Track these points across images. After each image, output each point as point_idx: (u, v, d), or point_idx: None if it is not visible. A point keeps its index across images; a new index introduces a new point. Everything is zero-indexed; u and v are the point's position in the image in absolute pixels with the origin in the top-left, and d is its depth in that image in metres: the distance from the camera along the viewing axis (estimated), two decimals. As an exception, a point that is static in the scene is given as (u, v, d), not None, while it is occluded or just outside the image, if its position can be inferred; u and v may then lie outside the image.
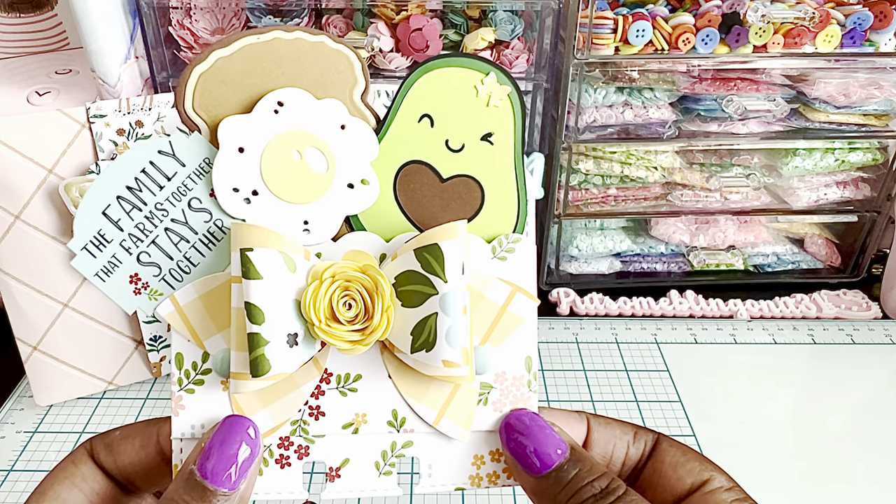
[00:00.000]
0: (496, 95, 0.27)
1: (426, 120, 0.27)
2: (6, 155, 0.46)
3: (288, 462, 0.26)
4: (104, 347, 0.54)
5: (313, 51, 0.26)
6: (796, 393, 0.57)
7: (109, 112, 0.48)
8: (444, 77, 0.26)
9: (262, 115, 0.26)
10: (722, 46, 0.58)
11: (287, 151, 0.26)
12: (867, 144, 0.65)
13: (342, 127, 0.26)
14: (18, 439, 0.52)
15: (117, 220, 0.27)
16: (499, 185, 0.28)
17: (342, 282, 0.26)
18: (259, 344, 0.24)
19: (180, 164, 0.26)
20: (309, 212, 0.26)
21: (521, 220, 0.28)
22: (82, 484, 0.26)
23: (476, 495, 0.47)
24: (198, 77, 0.25)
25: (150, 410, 0.54)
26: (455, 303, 0.25)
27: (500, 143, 0.27)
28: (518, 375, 0.28)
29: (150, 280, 0.27)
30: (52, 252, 0.49)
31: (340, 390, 0.27)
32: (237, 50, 0.25)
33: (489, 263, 0.28)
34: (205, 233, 0.27)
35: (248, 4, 0.57)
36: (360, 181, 0.27)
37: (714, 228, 0.70)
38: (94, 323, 0.52)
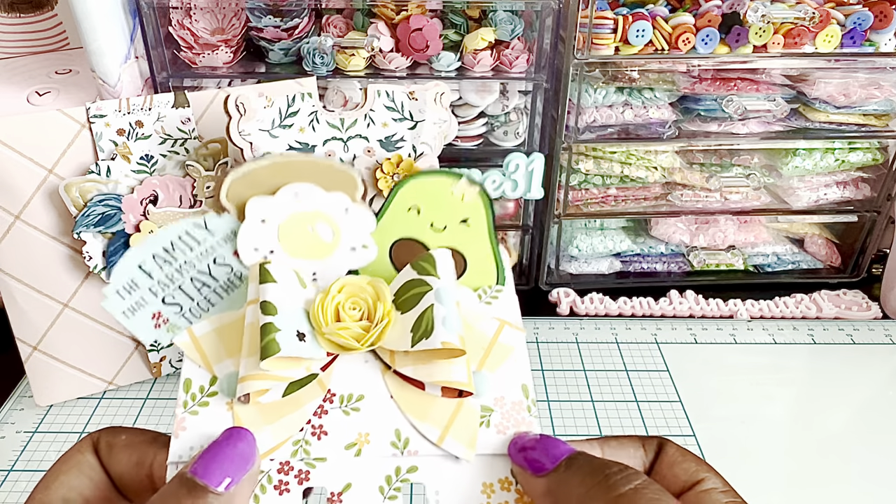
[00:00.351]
0: (468, 194, 0.33)
1: (414, 209, 0.33)
2: (6, 155, 0.46)
3: (287, 488, 0.26)
4: (104, 347, 0.54)
5: (325, 166, 0.32)
6: (796, 393, 0.57)
7: (109, 112, 0.48)
8: (426, 182, 0.33)
9: (282, 197, 0.31)
10: (722, 46, 0.58)
11: (301, 225, 0.31)
12: (867, 144, 0.65)
13: (346, 210, 0.32)
14: (18, 439, 0.52)
15: (149, 271, 0.31)
16: (478, 254, 0.33)
17: (349, 292, 0.29)
18: (270, 331, 0.26)
19: (210, 234, 0.32)
20: (317, 266, 0.31)
21: (500, 275, 0.33)
22: (89, 472, 0.26)
23: None
24: (232, 180, 0.31)
25: (150, 410, 0.54)
26: (448, 296, 0.28)
27: (475, 224, 0.33)
28: (517, 401, 0.28)
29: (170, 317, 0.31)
30: (52, 252, 0.49)
31: (343, 410, 0.28)
32: (265, 166, 0.31)
33: (477, 306, 0.32)
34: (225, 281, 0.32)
35: (248, 4, 0.57)
36: (361, 246, 0.32)
37: (714, 228, 0.70)
38: (94, 323, 0.52)
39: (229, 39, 0.58)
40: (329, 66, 0.58)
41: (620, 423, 0.53)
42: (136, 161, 0.49)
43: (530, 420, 0.28)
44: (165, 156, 0.50)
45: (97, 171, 0.48)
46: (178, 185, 0.50)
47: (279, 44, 0.58)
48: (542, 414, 0.54)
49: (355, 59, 0.58)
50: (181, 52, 0.58)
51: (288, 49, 0.59)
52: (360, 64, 0.58)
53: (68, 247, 0.50)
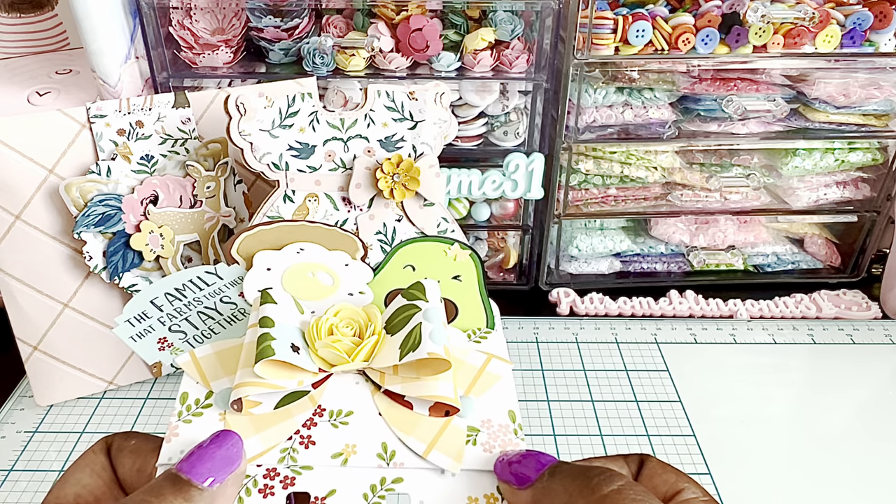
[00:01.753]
0: (460, 256, 0.36)
1: (409, 267, 0.36)
2: (6, 155, 0.46)
3: (272, 492, 0.26)
4: (104, 347, 0.54)
5: (328, 231, 0.35)
6: (796, 393, 0.57)
7: (110, 112, 0.48)
8: (421, 247, 0.36)
9: (288, 252, 0.34)
10: (722, 46, 0.58)
11: (303, 272, 0.34)
12: (867, 144, 0.65)
13: (346, 265, 0.35)
14: (19, 439, 0.52)
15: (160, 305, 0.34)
16: (468, 304, 0.36)
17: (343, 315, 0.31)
18: (267, 339, 0.28)
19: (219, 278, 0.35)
20: (316, 306, 0.33)
21: (490, 321, 0.36)
22: (103, 473, 0.27)
23: None
24: (243, 238, 0.34)
25: (150, 410, 0.54)
26: (436, 315, 0.30)
27: (466, 280, 0.36)
28: (503, 424, 0.29)
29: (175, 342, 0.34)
30: (52, 252, 0.49)
31: (332, 423, 0.28)
32: (274, 227, 0.35)
33: (466, 344, 0.33)
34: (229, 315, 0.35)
35: (249, 5, 0.57)
36: (358, 292, 0.34)
37: (714, 228, 0.70)
38: (94, 323, 0.52)
39: (229, 39, 0.58)
40: (329, 66, 0.58)
41: (620, 423, 0.53)
42: (136, 161, 0.49)
43: (517, 441, 0.28)
44: (166, 156, 0.50)
45: (97, 171, 0.48)
46: (178, 185, 0.50)
47: (279, 44, 0.58)
48: (542, 414, 0.54)
49: (355, 60, 0.58)
50: (181, 52, 0.58)
51: (288, 49, 0.59)
52: (360, 64, 0.58)
53: (68, 247, 0.50)
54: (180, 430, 0.27)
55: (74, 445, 0.51)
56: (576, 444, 0.51)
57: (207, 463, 0.25)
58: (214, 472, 0.25)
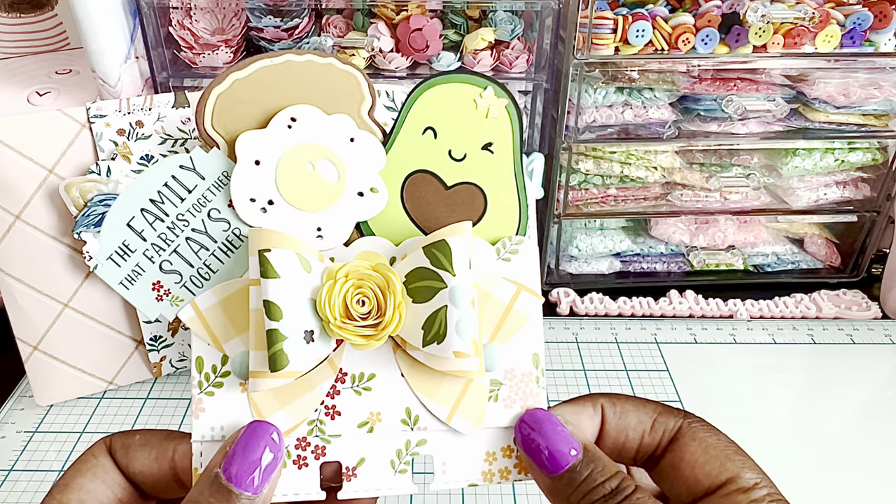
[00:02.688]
0: (494, 108, 0.28)
1: (430, 132, 0.28)
2: (6, 155, 0.46)
3: (305, 463, 0.27)
4: (104, 347, 0.54)
5: (323, 71, 0.28)
6: (796, 393, 0.57)
7: (110, 112, 0.48)
8: (445, 92, 0.28)
9: (277, 129, 0.27)
10: (722, 46, 0.58)
11: (300, 163, 0.28)
12: (867, 144, 0.65)
13: (351, 140, 0.28)
14: (19, 439, 0.52)
15: (141, 230, 0.29)
16: (500, 191, 0.29)
17: (355, 280, 0.27)
18: (277, 339, 0.25)
19: (200, 178, 0.28)
20: (322, 219, 0.28)
21: (522, 222, 0.30)
22: (104, 476, 0.26)
23: (476, 494, 0.47)
24: (216, 97, 0.27)
25: (150, 410, 0.54)
26: (463, 296, 0.26)
27: (499, 151, 0.29)
28: (526, 372, 0.29)
29: (171, 287, 0.29)
30: (52, 252, 0.49)
31: (355, 389, 0.28)
32: (252, 72, 0.28)
33: (494, 264, 0.29)
34: (223, 241, 0.29)
35: (248, 4, 0.57)
36: (369, 189, 0.28)
37: (714, 228, 0.70)
38: (94, 323, 0.52)
39: (229, 39, 0.58)
40: (329, 66, 0.58)
41: None
42: (136, 161, 0.49)
43: (537, 391, 0.28)
44: (165, 156, 0.50)
45: (97, 171, 0.48)
46: (178, 185, 0.50)
47: (279, 44, 0.58)
48: (542, 414, 0.54)
49: (355, 60, 0.58)
50: (181, 53, 0.58)
51: (288, 49, 0.59)
52: (360, 64, 0.58)
53: (68, 247, 0.50)
54: (205, 405, 0.27)
55: (74, 445, 0.51)
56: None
57: (253, 469, 0.24)
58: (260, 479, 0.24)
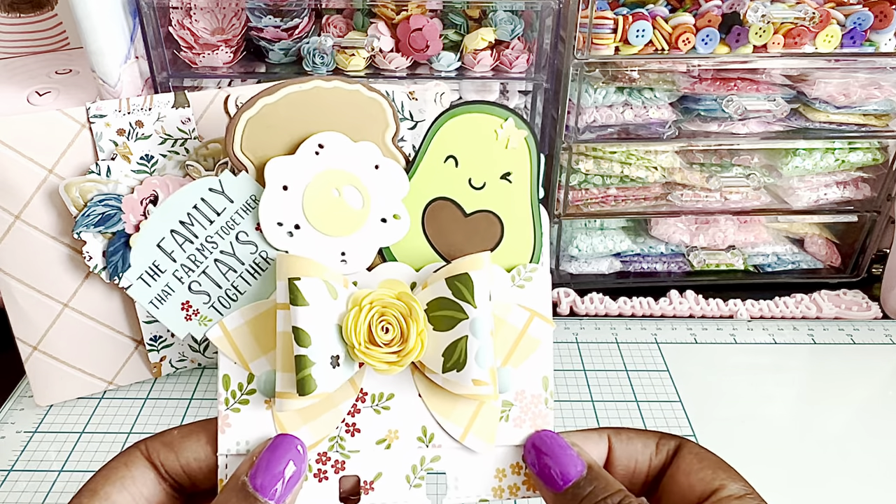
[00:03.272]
0: (514, 139, 0.29)
1: (451, 160, 0.30)
2: (6, 155, 0.46)
3: (325, 476, 0.28)
4: (104, 347, 0.54)
5: (350, 98, 0.29)
6: (796, 393, 0.57)
7: (109, 112, 0.48)
8: (467, 122, 0.30)
9: (305, 156, 0.28)
10: (722, 46, 0.58)
11: (327, 189, 0.29)
12: (867, 144, 0.65)
13: (376, 167, 0.29)
14: (18, 439, 0.52)
15: (171, 251, 0.30)
16: (517, 220, 0.30)
17: (379, 307, 0.28)
18: (306, 365, 0.26)
19: (229, 201, 0.29)
20: (346, 244, 0.29)
21: (536, 250, 0.31)
22: (132, 487, 0.26)
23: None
24: (246, 122, 0.28)
25: (150, 410, 0.54)
26: (483, 327, 0.28)
27: (517, 181, 0.30)
28: (536, 394, 0.30)
29: (200, 307, 0.30)
30: (52, 252, 0.49)
31: (375, 408, 0.29)
32: (281, 97, 0.28)
33: (509, 291, 0.30)
34: (251, 263, 0.30)
35: (249, 4, 0.57)
36: (392, 216, 0.29)
37: (714, 228, 0.70)
38: (94, 323, 0.52)
39: (229, 39, 0.58)
40: (329, 66, 0.58)
41: (620, 423, 0.53)
42: (136, 161, 0.49)
43: (546, 412, 0.30)
44: (165, 156, 0.50)
45: (97, 171, 0.48)
46: (178, 185, 0.50)
47: (279, 44, 0.58)
48: (542, 414, 0.54)
49: (355, 59, 0.58)
50: (181, 52, 0.58)
51: (288, 49, 0.59)
52: (360, 64, 0.58)
53: (68, 247, 0.50)
54: (231, 421, 0.28)
55: (74, 445, 0.51)
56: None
57: (277, 480, 0.26)
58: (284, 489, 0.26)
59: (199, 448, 0.28)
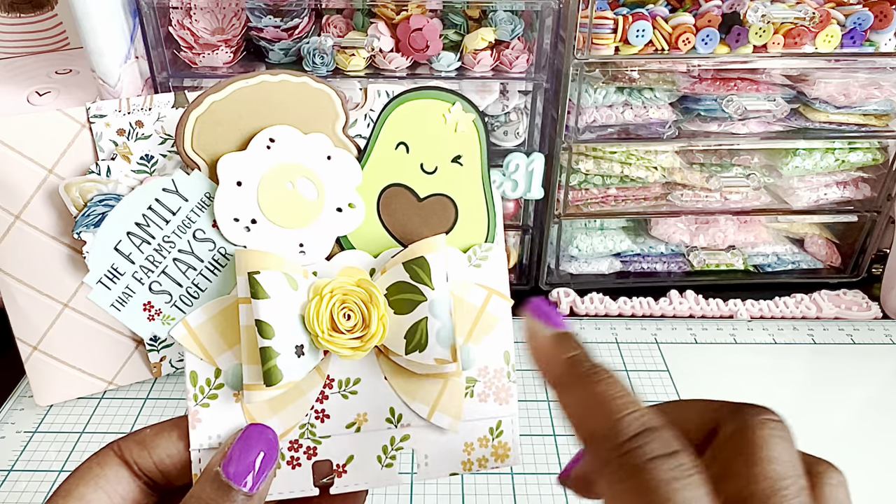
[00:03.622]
0: (462, 122, 0.30)
1: (402, 147, 0.30)
2: (6, 155, 0.46)
3: (298, 463, 0.29)
4: (104, 347, 0.54)
5: (298, 91, 0.29)
6: (796, 393, 0.57)
7: (109, 112, 0.48)
8: (416, 108, 0.30)
9: (256, 151, 0.28)
10: (722, 46, 0.58)
11: (280, 182, 0.29)
12: (867, 144, 0.65)
13: (328, 157, 0.29)
14: (18, 439, 0.52)
15: (128, 253, 0.29)
16: (470, 201, 0.31)
17: (340, 295, 0.28)
18: (271, 356, 0.27)
19: (183, 200, 0.29)
20: (303, 235, 0.29)
21: (491, 230, 0.31)
22: (106, 486, 0.26)
23: (476, 495, 0.47)
24: (195, 120, 0.28)
25: (150, 410, 0.54)
26: (442, 307, 0.28)
27: (468, 163, 0.31)
28: (498, 368, 0.31)
29: (162, 307, 0.30)
30: (52, 252, 0.49)
31: (342, 394, 0.30)
32: (229, 94, 0.28)
33: (466, 271, 0.31)
34: (210, 260, 0.30)
35: (248, 4, 0.57)
36: (347, 205, 0.29)
37: (714, 228, 0.70)
38: (94, 323, 0.52)
39: (229, 39, 0.58)
40: (329, 66, 0.58)
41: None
42: (136, 161, 0.49)
43: (509, 385, 0.31)
44: (165, 156, 0.50)
45: (97, 171, 0.48)
46: (178, 185, 0.50)
47: (279, 44, 0.58)
48: (542, 414, 0.54)
49: (355, 59, 0.58)
50: (181, 52, 0.58)
51: (288, 49, 0.59)
52: (360, 64, 0.58)
53: (68, 247, 0.50)
54: (202, 416, 0.28)
55: (74, 445, 0.51)
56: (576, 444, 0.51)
57: (250, 469, 0.26)
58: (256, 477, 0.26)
59: (171, 445, 0.28)
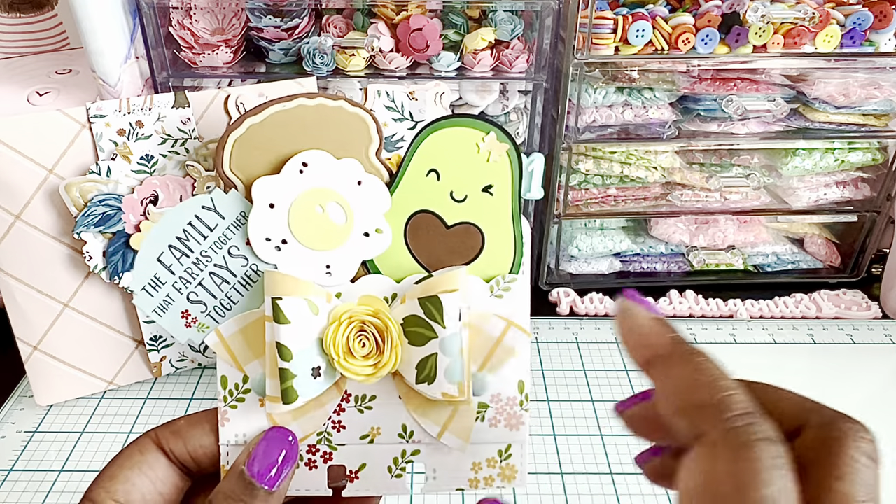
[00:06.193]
0: (496, 152, 0.30)
1: (433, 174, 0.30)
2: (6, 155, 0.46)
3: (315, 465, 0.31)
4: (104, 347, 0.54)
5: (333, 114, 0.30)
6: (796, 393, 0.57)
7: (109, 112, 0.48)
8: (449, 136, 0.30)
9: (289, 174, 0.30)
10: (722, 46, 0.58)
11: (311, 206, 0.30)
12: (867, 144, 0.65)
13: (359, 183, 0.30)
14: (19, 439, 0.52)
15: (169, 265, 0.32)
16: (497, 231, 0.31)
17: (357, 323, 0.30)
18: (288, 377, 0.29)
19: (220, 217, 0.31)
20: (330, 257, 0.31)
21: (516, 261, 0.31)
22: (148, 471, 0.28)
23: (476, 493, 0.47)
24: (234, 142, 0.29)
25: (150, 410, 0.54)
26: (452, 345, 0.29)
27: (499, 193, 0.31)
28: (511, 396, 0.31)
29: (198, 316, 0.32)
30: (52, 252, 0.49)
31: (358, 408, 0.32)
32: (266, 117, 0.29)
33: (487, 301, 0.31)
34: (243, 276, 0.32)
35: (248, 4, 0.57)
36: (374, 230, 0.31)
37: (714, 228, 0.70)
38: (94, 323, 0.52)
39: (229, 39, 0.58)
40: (329, 66, 0.58)
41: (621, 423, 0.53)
42: (136, 161, 0.49)
43: (521, 413, 0.31)
44: (165, 156, 0.50)
45: (97, 171, 0.48)
46: (178, 185, 0.50)
47: (279, 44, 0.58)
48: (542, 414, 0.54)
49: (355, 59, 0.58)
50: (181, 52, 0.58)
51: (288, 49, 0.59)
52: (360, 64, 0.58)
53: (68, 247, 0.50)
54: (230, 416, 0.30)
55: (74, 445, 0.51)
56: (576, 444, 0.51)
57: (272, 468, 0.28)
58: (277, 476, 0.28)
59: (203, 436, 0.30)
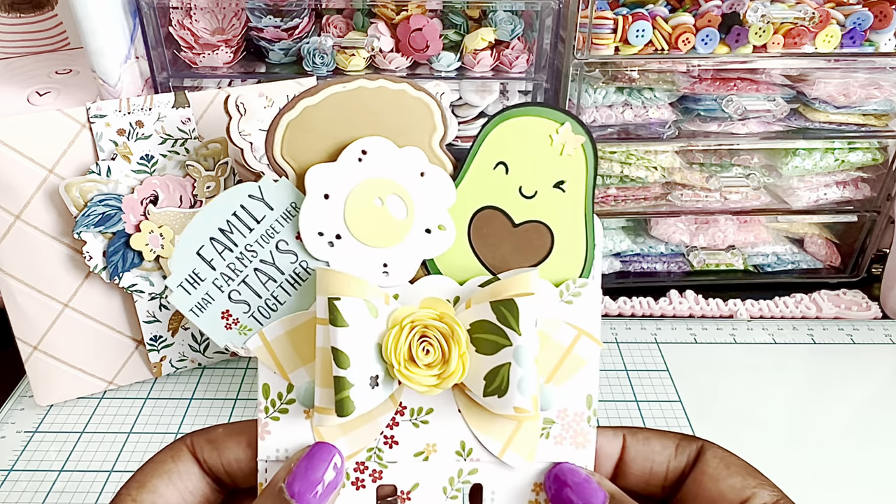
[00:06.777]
0: (570, 144, 0.28)
1: (501, 167, 0.28)
2: (6, 155, 0.46)
3: (363, 484, 0.28)
4: (104, 347, 0.54)
5: (395, 98, 0.27)
6: (796, 393, 0.57)
7: (110, 112, 0.48)
8: (521, 126, 0.28)
9: (347, 163, 0.27)
10: (722, 46, 0.58)
11: (369, 198, 0.27)
12: (867, 144, 0.65)
13: (422, 174, 0.28)
14: (19, 439, 0.52)
15: (210, 259, 0.29)
16: (568, 231, 0.28)
17: (421, 328, 0.27)
18: (345, 387, 0.26)
19: (269, 208, 0.28)
20: (388, 255, 0.28)
21: (588, 264, 0.29)
22: (178, 482, 0.27)
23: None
24: (286, 125, 0.26)
25: (150, 410, 0.54)
26: (528, 354, 0.26)
27: (571, 190, 0.28)
28: (579, 412, 0.29)
29: (240, 316, 0.29)
30: (52, 252, 0.49)
31: (413, 422, 0.29)
32: (324, 98, 0.26)
33: (556, 307, 0.29)
34: (291, 273, 0.29)
35: (249, 4, 0.57)
36: (437, 227, 0.28)
37: (714, 228, 0.70)
38: (94, 323, 0.52)
39: (229, 39, 0.58)
40: (329, 66, 0.58)
41: (620, 422, 0.53)
42: (136, 161, 0.49)
43: (588, 430, 0.29)
44: (165, 156, 0.50)
45: (97, 171, 0.48)
46: (178, 185, 0.50)
47: (279, 44, 0.58)
48: (542, 414, 0.54)
49: (355, 59, 0.58)
50: (181, 52, 0.58)
51: (288, 49, 0.59)
52: (360, 64, 0.58)
53: (68, 247, 0.50)
54: (271, 429, 0.28)
55: (74, 445, 0.51)
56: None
57: (314, 488, 0.26)
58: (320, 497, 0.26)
59: (239, 450, 0.28)
